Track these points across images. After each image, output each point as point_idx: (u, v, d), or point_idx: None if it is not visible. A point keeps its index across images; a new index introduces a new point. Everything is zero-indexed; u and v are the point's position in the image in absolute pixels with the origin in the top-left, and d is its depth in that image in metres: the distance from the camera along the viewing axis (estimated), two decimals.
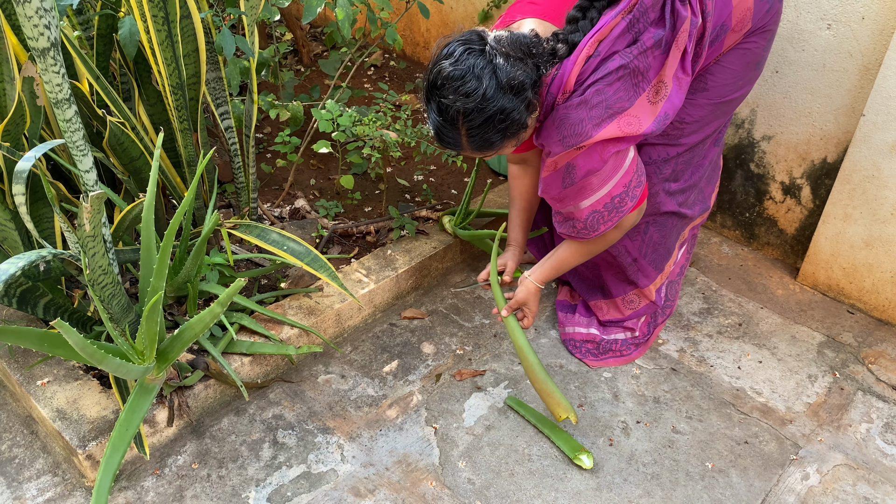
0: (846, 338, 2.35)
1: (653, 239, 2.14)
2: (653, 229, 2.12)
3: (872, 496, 1.87)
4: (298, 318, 2.16)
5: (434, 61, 1.67)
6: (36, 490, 1.82)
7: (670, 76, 1.77)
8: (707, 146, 2.10)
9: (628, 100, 1.74)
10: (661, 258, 2.20)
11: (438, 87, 1.64)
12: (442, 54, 1.65)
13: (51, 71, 1.43)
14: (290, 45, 3.54)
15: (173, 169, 2.19)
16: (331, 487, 1.85)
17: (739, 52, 1.90)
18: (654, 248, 2.16)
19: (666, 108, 1.79)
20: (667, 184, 2.04)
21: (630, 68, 1.71)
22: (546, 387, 1.93)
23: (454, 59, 1.62)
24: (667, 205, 2.08)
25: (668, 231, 2.15)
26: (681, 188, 2.09)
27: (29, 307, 1.84)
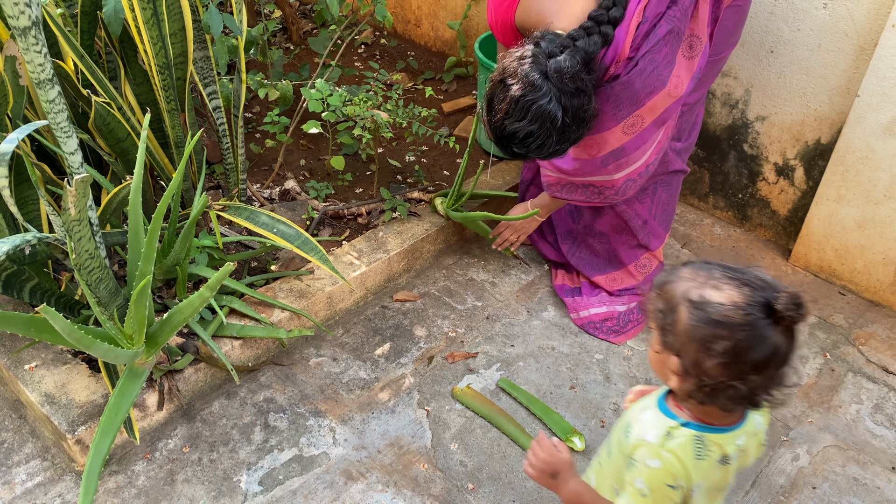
0: (837, 319, 2.36)
1: (661, 199, 2.19)
2: (661, 189, 2.16)
3: (862, 476, 1.88)
4: (289, 301, 2.14)
5: (498, 111, 1.66)
6: (25, 475, 1.80)
7: (703, 30, 1.80)
8: (701, 106, 2.17)
9: (674, 63, 1.78)
10: (668, 217, 2.27)
11: (507, 140, 1.67)
12: (507, 111, 1.65)
13: (32, 51, 1.39)
14: (279, 22, 3.49)
15: (161, 150, 2.15)
16: (323, 470, 1.84)
17: (734, 9, 1.93)
18: (664, 208, 2.22)
19: (700, 63, 1.84)
20: (673, 143, 2.07)
21: (675, 31, 1.75)
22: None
23: (520, 114, 1.62)
24: (674, 163, 2.12)
25: (673, 190, 2.21)
26: (685, 147, 2.14)
27: (15, 291, 1.81)
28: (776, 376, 1.03)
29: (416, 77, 3.45)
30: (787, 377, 1.04)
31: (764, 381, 1.03)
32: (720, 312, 1.01)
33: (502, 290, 2.42)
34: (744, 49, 2.42)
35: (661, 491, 1.09)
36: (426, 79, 3.43)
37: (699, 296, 1.03)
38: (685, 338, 1.04)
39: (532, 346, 2.21)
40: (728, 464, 1.12)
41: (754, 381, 1.02)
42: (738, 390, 1.02)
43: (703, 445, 1.09)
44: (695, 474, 1.09)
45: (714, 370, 1.03)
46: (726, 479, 1.15)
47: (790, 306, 0.99)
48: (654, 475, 1.10)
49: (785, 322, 1.00)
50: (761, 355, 0.99)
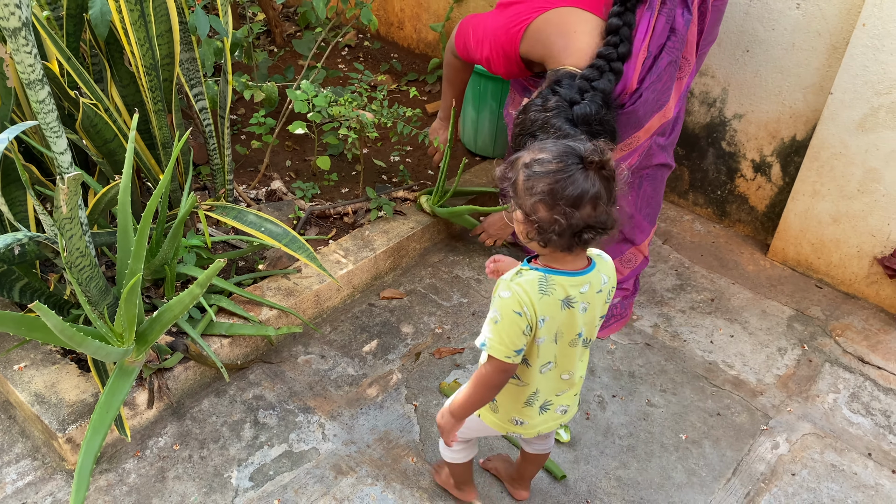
0: (814, 311, 2.42)
1: (646, 193, 2.24)
2: (646, 184, 2.21)
3: (839, 463, 1.93)
4: (277, 299, 2.17)
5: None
6: (16, 474, 1.81)
7: (692, 52, 1.94)
8: (684, 103, 2.24)
9: (671, 89, 1.94)
10: (653, 211, 2.31)
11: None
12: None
13: (23, 51, 1.41)
14: (263, 25, 3.51)
15: (147, 151, 2.17)
16: (313, 465, 1.87)
17: (714, 10, 2.02)
18: (648, 201, 2.26)
19: (687, 82, 1.98)
20: (658, 138, 2.15)
21: (674, 61, 1.90)
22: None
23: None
24: (658, 157, 2.18)
25: (658, 184, 2.26)
26: (669, 142, 2.20)
27: (4, 291, 1.82)
28: (593, 216, 1.24)
29: (399, 78, 3.48)
30: (606, 220, 1.26)
31: (582, 218, 1.24)
32: (541, 164, 1.25)
33: (487, 287, 2.45)
34: (720, 49, 2.48)
35: (509, 317, 1.30)
36: (410, 80, 3.46)
37: (530, 159, 1.27)
38: (521, 191, 1.27)
39: None
40: (571, 307, 1.34)
41: (573, 217, 1.23)
42: (560, 225, 1.24)
43: (546, 283, 1.31)
44: (539, 307, 1.31)
45: (541, 211, 1.25)
46: (573, 323, 1.36)
47: (593, 153, 1.23)
48: (505, 303, 1.31)
49: (592, 166, 1.23)
50: (573, 193, 1.22)
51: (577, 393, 1.53)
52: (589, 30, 1.86)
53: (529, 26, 1.89)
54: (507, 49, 1.95)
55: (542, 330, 1.33)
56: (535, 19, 1.88)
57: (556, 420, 1.52)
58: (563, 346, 1.39)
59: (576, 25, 1.86)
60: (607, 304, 1.41)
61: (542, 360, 1.39)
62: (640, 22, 1.88)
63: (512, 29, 1.92)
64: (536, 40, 1.90)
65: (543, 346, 1.36)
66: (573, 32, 1.86)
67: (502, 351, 1.32)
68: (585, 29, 1.86)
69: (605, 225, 1.27)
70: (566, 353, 1.40)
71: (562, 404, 1.50)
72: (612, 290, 1.41)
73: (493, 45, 1.98)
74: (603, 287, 1.38)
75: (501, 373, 1.37)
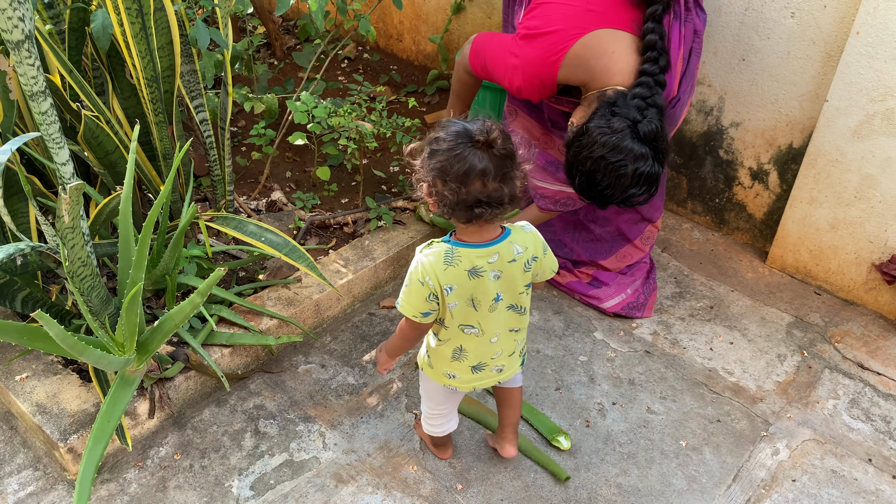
0: (814, 318, 2.42)
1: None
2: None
3: (839, 469, 1.93)
4: (277, 308, 2.18)
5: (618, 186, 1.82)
6: (17, 485, 1.82)
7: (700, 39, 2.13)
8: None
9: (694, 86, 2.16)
10: (663, 189, 2.43)
11: (627, 201, 1.87)
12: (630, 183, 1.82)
13: (25, 63, 1.43)
14: (263, 38, 3.54)
15: (148, 162, 2.19)
16: (313, 474, 1.87)
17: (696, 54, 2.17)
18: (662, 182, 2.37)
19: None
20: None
21: (698, 53, 2.08)
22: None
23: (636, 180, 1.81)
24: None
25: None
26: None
27: (7, 301, 1.83)
28: (484, 191, 1.36)
29: (398, 90, 3.51)
30: (499, 196, 1.37)
31: (471, 193, 1.36)
32: (438, 143, 1.38)
33: None
34: (717, 58, 2.50)
35: (415, 285, 1.48)
36: (409, 91, 3.49)
37: (432, 138, 1.41)
38: (425, 168, 1.41)
39: None
40: (480, 276, 1.47)
41: (461, 192, 1.36)
42: (453, 199, 1.37)
43: (452, 255, 1.46)
44: (443, 277, 1.46)
45: (438, 184, 1.39)
46: (486, 290, 1.50)
47: (481, 133, 1.35)
48: (412, 273, 1.49)
49: (479, 145, 1.35)
50: (461, 170, 1.35)
51: (514, 352, 1.66)
52: (625, 47, 1.91)
53: (568, 54, 1.92)
54: (544, 79, 1.99)
55: (450, 296, 1.49)
56: (572, 47, 1.91)
57: (494, 377, 1.67)
58: (484, 312, 1.53)
59: (612, 45, 1.90)
60: (528, 273, 1.53)
61: (461, 321, 1.54)
62: (672, 33, 1.97)
63: (549, 59, 1.95)
64: (577, 66, 1.93)
65: (457, 309, 1.51)
66: (611, 53, 1.90)
67: (410, 311, 1.52)
68: (621, 47, 1.90)
69: (499, 200, 1.38)
70: (489, 318, 1.54)
71: (497, 364, 1.65)
72: (531, 259, 1.52)
73: (527, 76, 2.01)
74: (517, 257, 1.50)
75: (413, 329, 1.58)
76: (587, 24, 1.91)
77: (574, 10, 1.93)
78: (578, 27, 1.91)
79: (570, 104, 2.13)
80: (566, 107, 2.16)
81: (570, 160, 1.90)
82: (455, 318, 1.54)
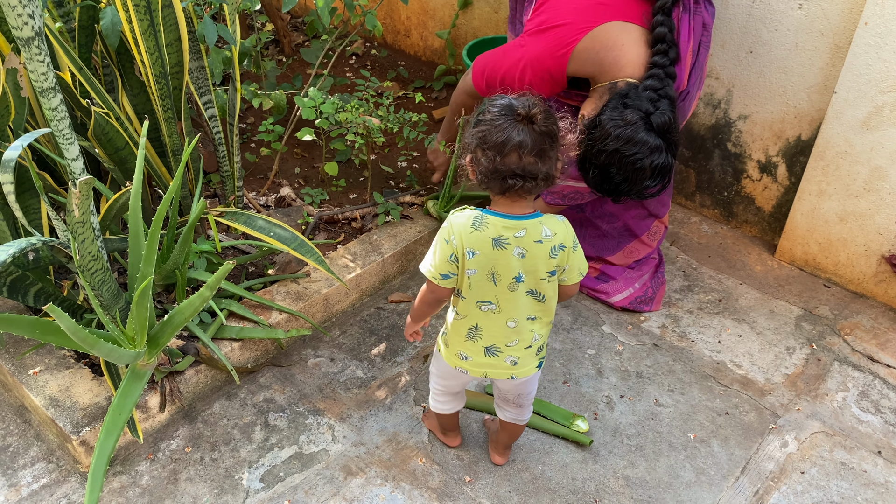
0: (823, 311, 2.42)
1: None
2: None
3: (849, 461, 1.93)
4: (286, 303, 2.19)
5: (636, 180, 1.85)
6: (31, 477, 1.84)
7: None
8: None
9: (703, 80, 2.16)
10: (671, 185, 2.45)
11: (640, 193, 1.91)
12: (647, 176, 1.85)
13: (35, 60, 1.44)
14: (272, 35, 3.55)
15: (158, 159, 2.20)
16: (322, 467, 1.88)
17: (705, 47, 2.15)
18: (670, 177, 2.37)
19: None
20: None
21: (707, 46, 2.07)
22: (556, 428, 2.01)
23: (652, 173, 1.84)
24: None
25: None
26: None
27: (20, 296, 1.86)
28: (519, 164, 1.40)
29: (406, 86, 3.51)
30: (534, 170, 1.41)
31: (507, 164, 1.40)
32: (485, 114, 1.44)
33: None
34: (724, 50, 2.49)
35: (440, 243, 1.52)
36: (416, 87, 3.50)
37: (481, 110, 1.47)
38: (469, 136, 1.47)
39: None
40: (504, 247, 1.49)
41: (497, 161, 1.40)
42: (489, 167, 1.42)
43: (481, 220, 1.49)
44: (467, 240, 1.49)
45: (478, 152, 1.44)
46: (508, 265, 1.50)
47: (524, 107, 1.40)
48: (442, 231, 1.52)
49: (520, 118, 1.39)
50: (499, 140, 1.40)
51: (531, 346, 1.63)
52: (634, 40, 1.91)
53: (576, 47, 1.92)
54: (553, 72, 1.99)
55: (470, 262, 1.50)
56: (581, 40, 1.91)
57: (506, 369, 1.65)
58: (503, 288, 1.53)
59: (622, 38, 1.90)
60: (553, 260, 1.52)
61: (478, 295, 1.55)
62: (681, 26, 1.96)
63: (557, 52, 1.95)
64: (585, 59, 1.93)
65: (475, 279, 1.52)
66: (621, 45, 1.90)
67: (431, 272, 1.54)
68: (631, 39, 1.91)
69: (533, 174, 1.42)
70: (507, 297, 1.54)
71: (511, 355, 1.63)
72: (558, 246, 1.52)
73: (535, 71, 2.00)
74: (544, 239, 1.50)
75: (431, 293, 1.59)
76: (596, 17, 1.91)
77: (583, 3, 1.94)
78: (588, 20, 1.91)
79: (579, 98, 2.13)
80: (575, 101, 2.16)
81: (582, 154, 1.89)
82: (473, 290, 1.54)
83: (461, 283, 1.54)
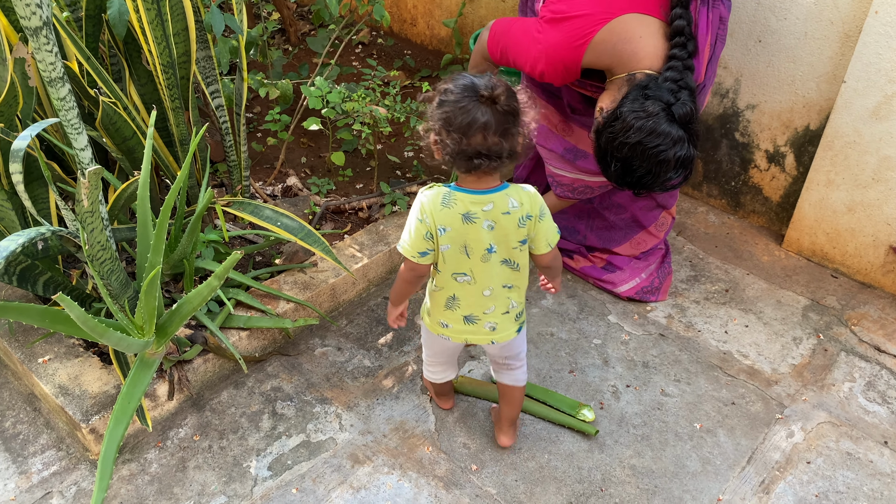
0: (830, 301, 2.41)
1: None
2: None
3: (855, 451, 1.93)
4: (294, 292, 2.20)
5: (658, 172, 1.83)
6: (41, 464, 1.86)
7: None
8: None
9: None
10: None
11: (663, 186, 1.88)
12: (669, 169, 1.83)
13: (44, 49, 1.45)
14: (278, 24, 3.55)
15: (165, 148, 2.21)
16: (330, 455, 1.89)
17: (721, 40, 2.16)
18: None
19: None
20: None
21: (723, 39, 2.08)
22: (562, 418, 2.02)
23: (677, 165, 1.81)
24: None
25: None
26: None
27: (29, 285, 1.87)
28: (484, 144, 1.43)
29: (412, 75, 3.51)
30: (499, 150, 1.44)
31: (472, 144, 1.43)
32: (447, 94, 1.45)
33: None
34: (733, 39, 2.48)
35: (414, 222, 1.56)
36: (423, 76, 3.49)
37: (443, 89, 1.48)
38: (432, 117, 1.48)
39: (531, 333, 2.26)
40: (473, 222, 1.54)
41: (463, 143, 1.43)
42: (455, 148, 1.44)
43: (449, 197, 1.54)
44: (438, 217, 1.54)
45: (443, 133, 1.45)
46: (479, 238, 1.56)
47: (486, 88, 1.42)
48: (413, 210, 1.57)
49: (483, 100, 1.41)
50: (464, 122, 1.42)
51: (508, 313, 1.69)
52: (652, 32, 1.89)
53: (594, 39, 1.91)
54: (568, 63, 1.97)
55: (443, 238, 1.56)
56: (598, 32, 1.90)
57: (486, 335, 1.71)
58: (476, 260, 1.59)
59: (640, 30, 1.89)
60: (522, 229, 1.57)
61: (453, 268, 1.60)
62: (699, 20, 1.95)
63: (574, 43, 1.93)
64: (602, 51, 1.92)
65: (449, 253, 1.58)
66: (638, 38, 1.89)
67: (408, 251, 1.59)
68: (649, 32, 1.89)
69: (498, 154, 1.45)
70: (481, 268, 1.60)
71: (489, 321, 1.69)
72: (525, 216, 1.56)
73: (550, 59, 1.98)
74: (511, 210, 1.55)
75: (410, 270, 1.64)
76: (614, 8, 1.90)
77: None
78: (606, 12, 1.90)
79: (593, 88, 2.12)
80: (589, 91, 2.15)
81: (602, 147, 1.87)
82: (447, 264, 1.60)
83: (436, 257, 1.61)
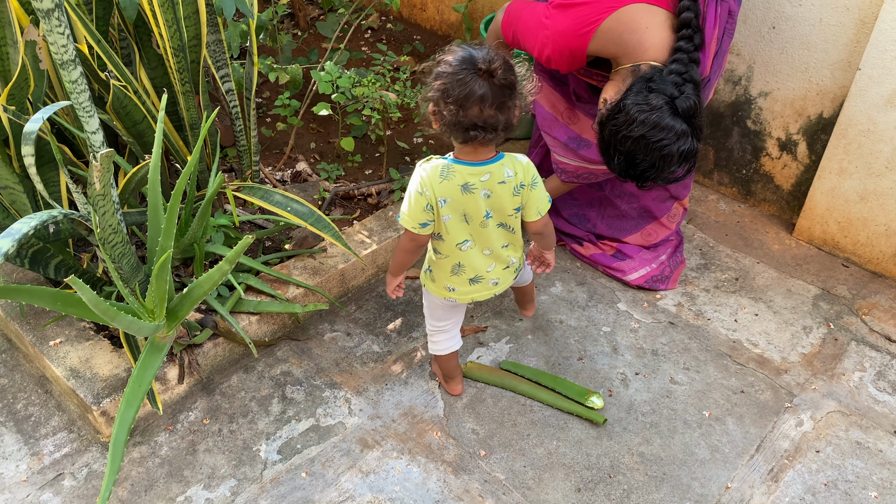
0: (841, 290, 2.40)
1: None
2: None
3: (864, 440, 1.93)
4: (303, 277, 2.20)
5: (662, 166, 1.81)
6: (53, 446, 1.87)
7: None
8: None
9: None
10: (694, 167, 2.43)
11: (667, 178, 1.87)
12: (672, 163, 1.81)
13: (56, 32, 1.44)
14: (287, 8, 3.53)
15: (176, 132, 2.20)
16: (339, 439, 1.90)
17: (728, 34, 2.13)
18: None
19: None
20: None
21: (731, 34, 2.07)
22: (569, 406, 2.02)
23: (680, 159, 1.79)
24: None
25: None
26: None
27: (40, 268, 1.88)
28: (481, 116, 1.47)
29: (422, 60, 3.49)
30: (495, 122, 1.48)
31: (469, 116, 1.47)
32: (445, 65, 1.49)
33: None
34: (746, 26, 2.45)
35: (414, 196, 1.62)
36: None
37: (440, 61, 1.52)
38: (431, 88, 1.52)
39: (540, 320, 2.26)
40: (471, 192, 1.61)
41: (459, 114, 1.47)
42: (452, 120, 1.48)
43: (447, 170, 1.59)
44: (438, 189, 1.60)
45: (440, 104, 1.50)
46: (477, 205, 1.63)
47: (484, 61, 1.44)
48: (412, 183, 1.62)
49: (481, 72, 1.44)
50: (461, 94, 1.45)
51: (509, 267, 1.79)
52: (659, 23, 1.87)
53: (600, 27, 1.89)
54: (573, 50, 1.96)
55: (444, 209, 1.62)
56: (605, 20, 1.88)
57: (490, 290, 1.81)
58: (476, 226, 1.67)
59: (646, 21, 1.87)
60: (517, 197, 1.65)
61: (456, 237, 1.68)
62: (707, 12, 1.93)
63: (580, 30, 1.92)
64: (608, 40, 1.90)
65: (451, 223, 1.65)
66: (645, 28, 1.87)
67: (409, 222, 1.65)
68: (656, 23, 1.87)
69: (493, 126, 1.49)
70: (480, 232, 1.68)
71: (492, 278, 1.79)
72: (519, 185, 1.63)
73: (556, 46, 1.97)
74: (507, 179, 1.62)
75: (411, 241, 1.70)
76: None
77: None
78: (614, 0, 1.88)
79: (598, 77, 2.11)
80: (595, 80, 2.13)
81: (605, 139, 1.86)
82: (450, 234, 1.67)
83: (438, 227, 1.67)
